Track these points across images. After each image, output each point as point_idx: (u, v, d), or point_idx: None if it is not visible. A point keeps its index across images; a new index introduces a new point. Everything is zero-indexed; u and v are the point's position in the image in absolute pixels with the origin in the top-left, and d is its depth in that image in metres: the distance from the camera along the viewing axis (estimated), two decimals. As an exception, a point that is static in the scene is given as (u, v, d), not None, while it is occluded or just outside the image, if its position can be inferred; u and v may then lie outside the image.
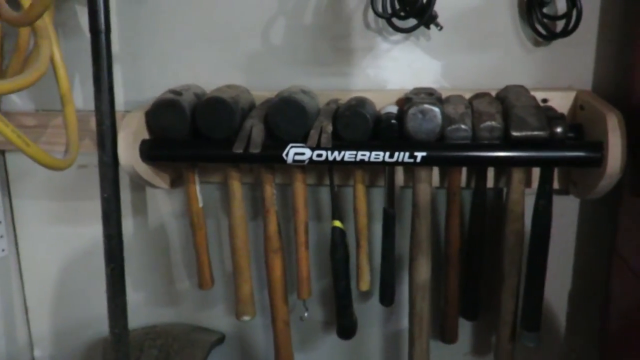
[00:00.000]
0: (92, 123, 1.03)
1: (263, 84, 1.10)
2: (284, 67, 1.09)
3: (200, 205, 1.05)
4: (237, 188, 1.01)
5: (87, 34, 0.94)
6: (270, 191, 1.01)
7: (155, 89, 1.09)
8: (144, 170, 0.97)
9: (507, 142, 0.88)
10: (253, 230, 1.11)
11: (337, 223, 1.01)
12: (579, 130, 0.95)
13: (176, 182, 1.08)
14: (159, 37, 1.12)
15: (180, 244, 1.23)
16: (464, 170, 1.03)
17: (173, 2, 1.10)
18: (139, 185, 1.18)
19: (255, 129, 0.93)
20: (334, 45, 1.07)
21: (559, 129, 0.87)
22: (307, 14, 1.07)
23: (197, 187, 1.04)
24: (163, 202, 1.21)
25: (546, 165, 0.90)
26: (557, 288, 1.11)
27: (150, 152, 0.95)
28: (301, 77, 1.09)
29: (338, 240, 1.01)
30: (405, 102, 0.93)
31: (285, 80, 1.08)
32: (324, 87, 1.08)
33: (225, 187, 1.03)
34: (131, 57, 1.14)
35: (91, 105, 0.96)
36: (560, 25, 0.98)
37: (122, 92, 1.16)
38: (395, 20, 0.95)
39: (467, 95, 1.01)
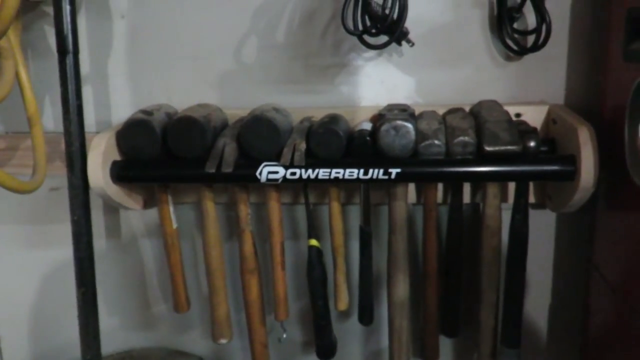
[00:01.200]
0: (63, 144, 1.01)
1: (236, 102, 1.09)
2: (257, 85, 1.09)
3: (174, 226, 1.03)
4: (211, 208, 1.00)
5: (56, 55, 0.93)
6: (244, 211, 1.00)
7: (127, 109, 1.09)
8: (115, 191, 0.95)
9: (481, 157, 0.88)
10: (229, 250, 1.09)
11: (314, 242, 1.00)
12: (552, 145, 0.95)
13: (149, 202, 1.06)
14: (130, 57, 1.11)
15: (155, 266, 1.21)
16: (440, 186, 1.02)
17: (145, 21, 1.09)
18: (112, 206, 1.15)
19: (228, 148, 0.92)
20: (307, 62, 1.07)
21: (531, 143, 0.87)
22: (279, 32, 1.06)
23: (171, 208, 1.02)
24: (136, 223, 1.19)
25: (520, 180, 0.90)
26: (537, 303, 1.11)
27: (121, 173, 0.94)
28: (274, 95, 1.08)
29: (315, 259, 1.00)
30: (379, 118, 0.93)
31: (258, 98, 1.07)
32: (298, 104, 1.08)
33: (199, 207, 1.01)
34: (102, 77, 1.12)
35: (62, 127, 0.95)
36: (531, 40, 0.98)
37: (93, 113, 1.14)
38: (366, 37, 0.94)
39: (441, 111, 1.01)
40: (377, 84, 1.07)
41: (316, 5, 1.04)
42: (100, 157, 0.91)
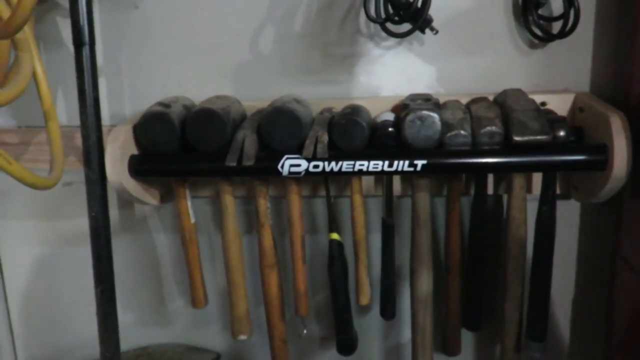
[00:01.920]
0: (77, 139, 1.00)
1: (253, 94, 1.07)
2: (274, 76, 1.06)
3: (192, 221, 1.01)
4: (230, 202, 0.98)
5: (70, 47, 0.91)
6: (264, 205, 0.98)
7: (141, 102, 1.06)
8: (133, 186, 0.93)
9: (509, 147, 0.85)
10: (248, 244, 1.07)
11: (335, 235, 0.98)
12: (580, 133, 0.93)
13: (165, 197, 1.04)
14: (144, 49, 1.09)
15: (171, 261, 1.19)
16: (462, 177, 1.00)
17: (158, 13, 1.06)
18: (127, 202, 1.13)
19: (248, 141, 0.90)
20: (325, 52, 1.04)
21: (561, 133, 0.85)
22: (297, 20, 1.04)
23: (189, 203, 1.00)
24: (152, 219, 1.17)
25: (549, 170, 0.88)
26: (561, 294, 1.09)
27: (139, 167, 0.92)
28: (292, 86, 1.06)
29: (336, 253, 0.98)
30: (402, 108, 0.90)
31: (275, 89, 1.05)
32: (316, 95, 1.05)
33: (218, 202, 0.99)
34: (116, 70, 1.10)
35: (76, 121, 0.92)
36: (556, 26, 0.96)
37: (107, 106, 1.12)
38: (389, 25, 0.92)
39: (464, 100, 0.98)
40: (398, 74, 1.04)
41: (334, -7, 1.01)
42: (118, 151, 0.89)
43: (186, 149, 0.93)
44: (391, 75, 1.05)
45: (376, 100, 1.03)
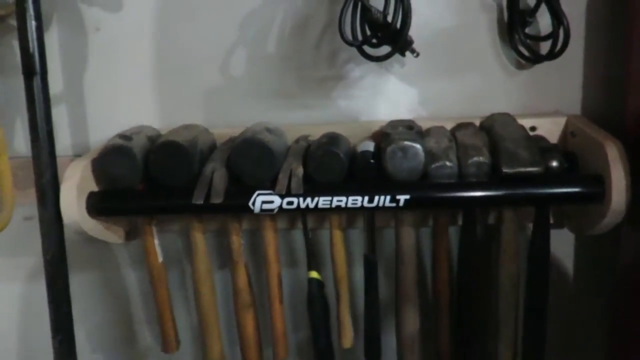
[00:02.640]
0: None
1: (225, 120, 1.01)
2: (247, 101, 1.00)
3: (160, 259, 0.94)
4: (200, 240, 0.91)
5: (24, 75, 0.84)
6: (237, 242, 0.91)
7: (106, 131, 0.99)
8: (93, 226, 0.86)
9: (498, 179, 0.79)
10: (221, 281, 1.00)
11: (314, 274, 0.91)
12: (573, 160, 0.87)
13: (131, 234, 0.97)
14: (108, 74, 1.01)
15: (141, 299, 1.12)
16: (449, 207, 0.94)
17: (122, 35, 0.99)
18: (92, 236, 1.06)
19: (217, 175, 0.83)
20: (301, 74, 0.98)
21: (554, 163, 0.79)
22: (270, 42, 0.97)
23: (156, 241, 0.93)
24: (120, 253, 1.10)
25: (542, 204, 0.82)
26: (558, 333, 1.02)
27: (99, 206, 0.84)
28: (266, 112, 0.99)
29: (315, 293, 0.91)
30: (383, 138, 0.84)
31: (248, 115, 0.98)
32: (292, 120, 0.99)
33: (187, 239, 0.92)
34: (78, 97, 1.03)
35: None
36: (545, 46, 0.90)
37: (70, 136, 1.05)
38: (366, 48, 0.85)
39: (449, 125, 0.92)
40: (378, 97, 0.98)
41: (309, 12, 0.95)
42: (74, 190, 0.81)
43: (151, 184, 0.86)
44: (371, 98, 0.99)
45: (356, 126, 0.96)
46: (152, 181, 0.85)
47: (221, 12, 0.96)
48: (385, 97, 0.98)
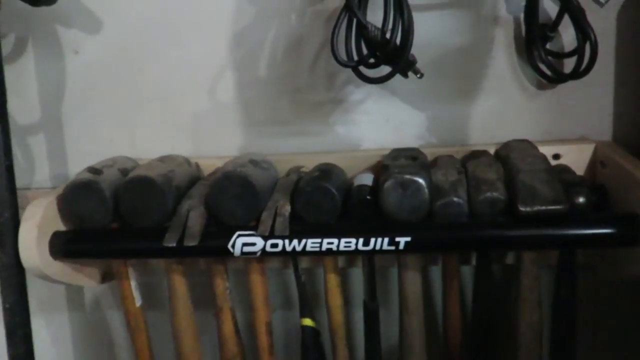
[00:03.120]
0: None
1: (212, 150, 0.92)
2: (237, 129, 0.91)
3: (138, 304, 0.85)
4: (180, 283, 0.81)
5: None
6: (221, 285, 0.81)
7: (87, 161, 0.90)
8: (58, 270, 0.77)
9: (514, 219, 0.68)
10: (207, 325, 0.90)
11: (307, 321, 0.81)
12: (602, 194, 0.75)
13: (108, 276, 0.88)
14: (87, 100, 0.94)
15: (126, 342, 1.02)
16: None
17: (102, 59, 0.92)
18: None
19: (193, 214, 0.73)
20: (295, 99, 0.89)
21: (580, 199, 0.68)
22: (261, 64, 0.88)
23: (133, 283, 0.83)
24: (102, 293, 1.01)
25: (565, 247, 0.70)
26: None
27: (64, 247, 0.76)
28: (257, 140, 0.90)
29: (309, 342, 0.81)
30: (382, 171, 0.74)
31: (238, 144, 0.91)
32: (285, 150, 0.90)
33: (167, 283, 0.83)
34: (55, 124, 0.95)
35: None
36: (569, 63, 0.79)
37: (48, 166, 0.97)
38: (363, 69, 0.76)
39: (461, 154, 0.82)
40: (382, 123, 0.88)
41: (303, 31, 0.86)
42: (34, 231, 0.73)
43: (124, 223, 0.77)
44: (374, 124, 0.89)
45: (356, 155, 0.87)
46: (123, 220, 0.76)
47: (208, 33, 0.88)
48: (389, 123, 0.88)
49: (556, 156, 0.81)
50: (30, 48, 0.93)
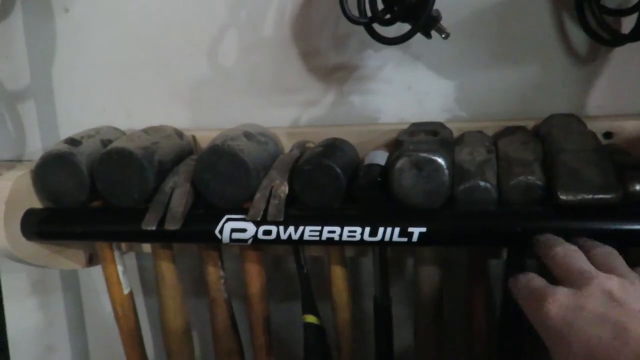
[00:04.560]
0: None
1: (213, 120, 0.83)
2: (239, 97, 0.81)
3: (126, 291, 0.76)
4: (168, 270, 0.73)
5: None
6: (215, 274, 0.72)
7: (78, 129, 0.83)
8: (33, 253, 0.69)
9: (553, 209, 0.56)
10: (201, 314, 0.81)
11: (310, 318, 0.71)
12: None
13: (95, 258, 0.80)
14: (79, 64, 0.85)
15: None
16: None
17: (94, 18, 0.83)
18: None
19: (177, 193, 0.64)
20: (304, 64, 0.78)
21: (636, 187, 0.55)
22: (267, 24, 0.78)
23: (119, 268, 0.75)
24: (97, 276, 0.93)
25: (618, 245, 0.58)
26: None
27: (38, 228, 0.67)
28: (261, 109, 0.80)
29: (313, 341, 0.72)
30: (395, 147, 0.63)
31: (241, 113, 0.81)
32: (292, 121, 0.79)
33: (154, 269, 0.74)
34: (47, 91, 0.87)
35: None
36: (627, 22, 0.66)
37: (39, 135, 0.90)
38: (378, 27, 0.64)
39: (492, 131, 0.70)
40: (403, 92, 0.77)
41: (315, -15, 0.75)
42: (2, 208, 0.65)
43: (104, 201, 0.68)
44: (394, 94, 0.77)
45: (373, 130, 0.75)
46: (103, 198, 0.67)
47: (208, -11, 0.78)
48: (411, 92, 0.76)
49: (608, 134, 0.68)
50: (19, 5, 0.84)
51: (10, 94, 0.88)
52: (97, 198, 0.69)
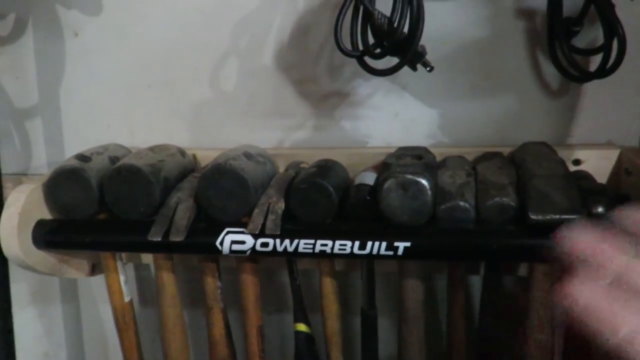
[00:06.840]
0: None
1: (212, 140, 0.88)
2: (238, 119, 0.87)
3: (127, 299, 0.81)
4: (168, 280, 0.77)
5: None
6: (212, 284, 0.77)
7: (84, 146, 0.87)
8: (40, 260, 0.73)
9: (524, 228, 0.62)
10: (198, 322, 0.86)
11: (301, 327, 0.76)
12: (625, 204, 0.68)
13: (98, 267, 0.84)
14: (86, 84, 0.91)
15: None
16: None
17: (102, 42, 0.88)
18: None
19: (181, 208, 0.69)
20: (300, 90, 0.84)
21: (599, 209, 0.61)
22: (266, 52, 0.84)
23: (121, 277, 0.80)
24: (96, 286, 0.98)
25: (582, 261, 0.64)
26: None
27: (47, 237, 0.72)
28: (258, 132, 0.86)
29: (303, 349, 0.77)
30: (383, 169, 0.68)
31: (239, 135, 0.87)
32: (288, 144, 0.85)
33: (155, 278, 0.79)
34: (54, 109, 0.92)
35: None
36: (594, 61, 0.73)
37: (45, 151, 0.95)
38: (369, 60, 0.70)
39: (473, 155, 0.76)
40: (390, 118, 0.83)
41: (311, 19, 0.81)
42: (15, 218, 0.69)
43: (112, 214, 0.73)
44: (382, 120, 0.84)
45: (362, 153, 0.81)
46: (111, 211, 0.72)
47: (211, 18, 0.84)
48: (398, 119, 0.83)
49: (577, 162, 0.75)
50: (30, 29, 0.90)
51: (18, 111, 0.93)
52: (103, 211, 0.74)
